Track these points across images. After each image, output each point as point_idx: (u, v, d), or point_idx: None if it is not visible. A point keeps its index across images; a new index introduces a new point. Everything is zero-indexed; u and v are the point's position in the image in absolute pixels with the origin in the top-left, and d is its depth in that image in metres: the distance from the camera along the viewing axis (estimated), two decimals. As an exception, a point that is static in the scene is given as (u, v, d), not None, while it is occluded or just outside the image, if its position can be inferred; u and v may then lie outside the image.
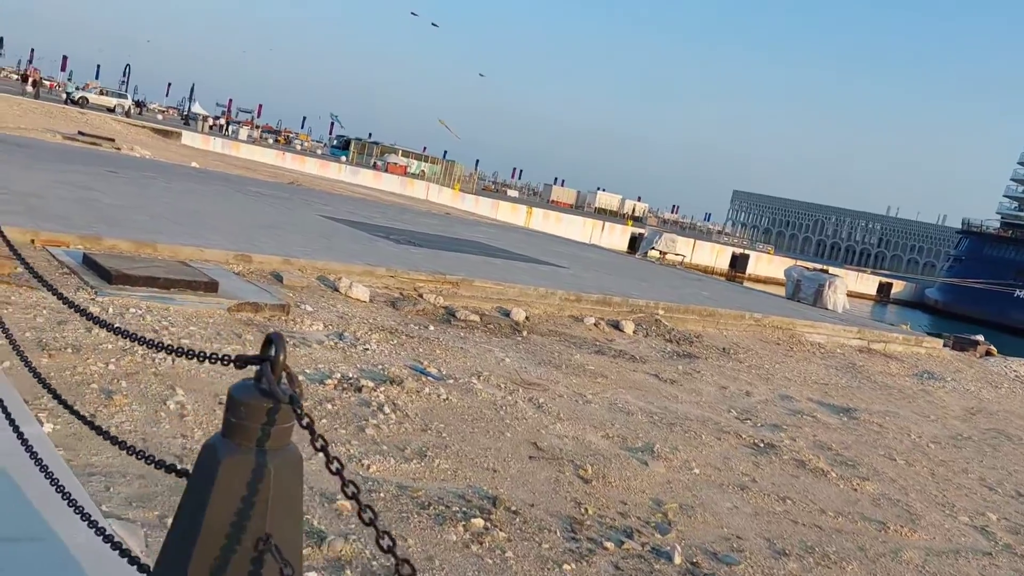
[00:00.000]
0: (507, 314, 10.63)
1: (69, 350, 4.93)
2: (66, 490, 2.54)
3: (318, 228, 12.81)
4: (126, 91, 57.69)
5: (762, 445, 6.81)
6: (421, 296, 10.19)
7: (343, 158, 75.27)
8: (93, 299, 6.32)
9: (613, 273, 16.68)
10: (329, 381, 5.68)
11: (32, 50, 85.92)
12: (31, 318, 5.50)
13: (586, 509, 4.52)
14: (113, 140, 25.76)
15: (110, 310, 6.08)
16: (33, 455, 2.88)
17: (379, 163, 76.53)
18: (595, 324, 11.56)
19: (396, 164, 77.90)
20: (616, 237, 64.26)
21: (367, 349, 7.08)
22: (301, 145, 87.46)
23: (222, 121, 79.12)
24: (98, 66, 77.09)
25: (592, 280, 14.23)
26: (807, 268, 21.85)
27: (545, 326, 10.70)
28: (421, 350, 7.59)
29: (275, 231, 11.28)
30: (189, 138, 50.01)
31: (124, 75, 60.29)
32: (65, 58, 73.90)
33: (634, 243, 58.42)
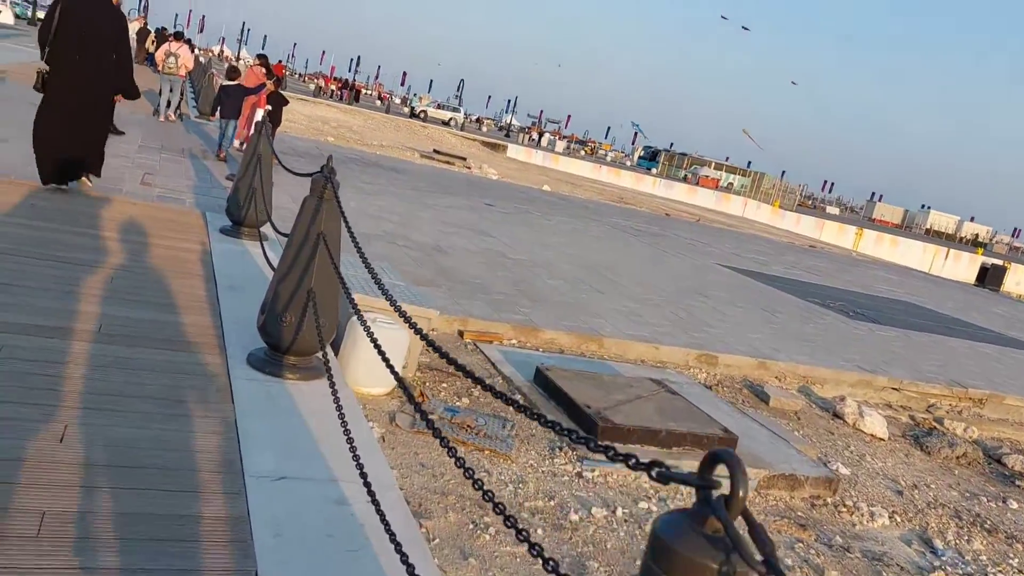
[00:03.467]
0: (1068, 458, 6.88)
1: None
2: None
3: (738, 290, 9.96)
4: (459, 105, 60.61)
5: None
6: (940, 424, 6.83)
7: (652, 170, 72.89)
8: (579, 474, 3.95)
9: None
10: None
11: (379, 67, 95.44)
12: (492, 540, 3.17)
13: None
14: (464, 159, 25.47)
15: (618, 511, 3.62)
16: None
17: (690, 176, 72.98)
18: None
19: (707, 177, 73.82)
20: (962, 267, 54.08)
21: (1004, 592, 3.96)
22: (607, 156, 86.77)
23: (534, 133, 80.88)
24: (431, 81, 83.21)
25: None
26: None
27: None
28: (1077, 588, 4.28)
29: (706, 301, 8.62)
30: (513, 151, 50.77)
31: (458, 90, 63.56)
32: (404, 74, 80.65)
33: (983, 275, 48.10)
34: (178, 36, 14.61)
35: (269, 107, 8.13)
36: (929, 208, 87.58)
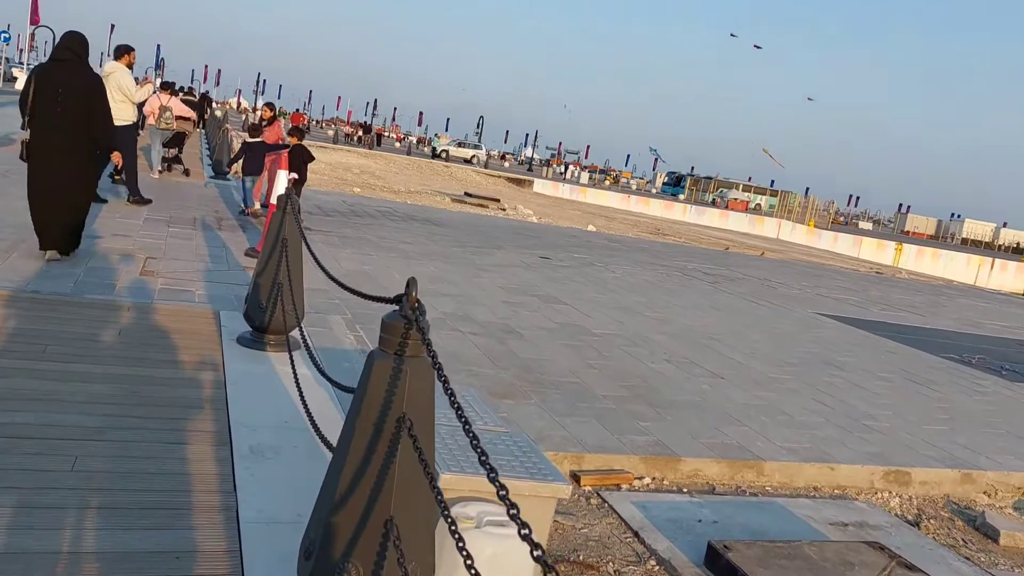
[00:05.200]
0: None
1: None
2: None
3: (864, 352, 8.30)
4: (480, 142, 59.62)
5: None
6: None
7: (679, 196, 71.23)
8: None
9: None
10: None
11: (395, 108, 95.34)
12: None
13: None
14: (498, 200, 24.07)
15: None
16: None
17: (718, 199, 71.18)
18: None
19: (737, 200, 72.00)
20: (1009, 277, 51.51)
21: None
22: (630, 184, 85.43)
23: (556, 165, 79.72)
24: (448, 119, 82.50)
25: None
26: None
27: None
28: None
29: (842, 373, 6.99)
30: (539, 185, 49.50)
31: (478, 127, 62.64)
32: (421, 114, 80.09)
33: (1032, 284, 45.39)
34: (165, 86, 13.77)
35: (295, 175, 6.71)
36: (962, 216, 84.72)
